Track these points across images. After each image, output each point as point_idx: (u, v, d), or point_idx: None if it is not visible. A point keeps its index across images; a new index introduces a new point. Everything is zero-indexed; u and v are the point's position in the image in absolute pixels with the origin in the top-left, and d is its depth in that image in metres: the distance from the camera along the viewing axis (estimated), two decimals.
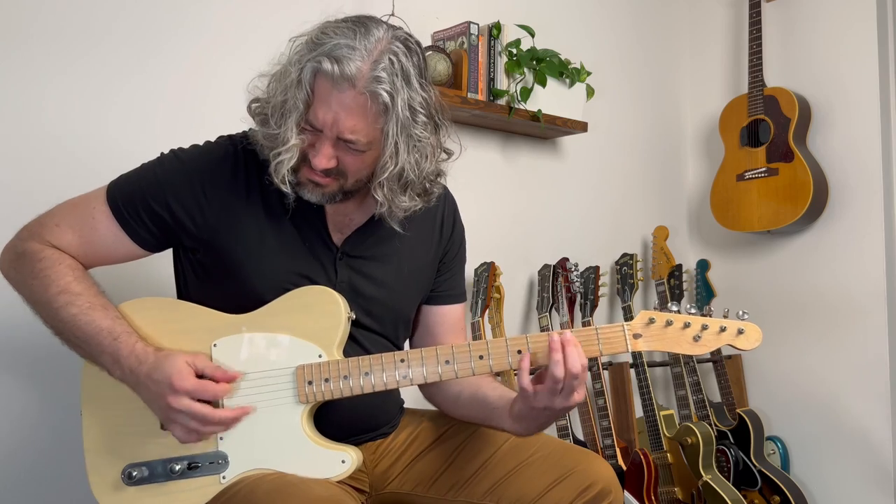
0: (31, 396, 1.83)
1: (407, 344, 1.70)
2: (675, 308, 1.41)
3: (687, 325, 1.37)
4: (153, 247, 1.51)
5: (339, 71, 1.32)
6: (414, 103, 1.38)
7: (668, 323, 1.37)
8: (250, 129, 1.50)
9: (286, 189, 1.41)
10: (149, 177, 1.48)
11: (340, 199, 1.46)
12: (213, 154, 1.50)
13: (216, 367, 1.39)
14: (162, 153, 1.52)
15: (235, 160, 1.50)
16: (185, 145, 1.53)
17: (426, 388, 1.65)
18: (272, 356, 1.42)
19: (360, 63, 1.33)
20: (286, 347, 1.42)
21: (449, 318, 1.70)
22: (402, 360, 1.41)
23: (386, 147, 1.39)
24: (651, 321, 1.38)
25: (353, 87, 1.33)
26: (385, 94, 1.34)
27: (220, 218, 1.47)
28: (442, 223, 1.67)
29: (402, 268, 1.59)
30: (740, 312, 1.39)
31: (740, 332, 1.38)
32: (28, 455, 1.82)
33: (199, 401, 1.35)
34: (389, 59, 1.35)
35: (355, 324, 1.51)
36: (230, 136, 1.55)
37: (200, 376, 1.37)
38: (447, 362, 1.39)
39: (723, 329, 1.38)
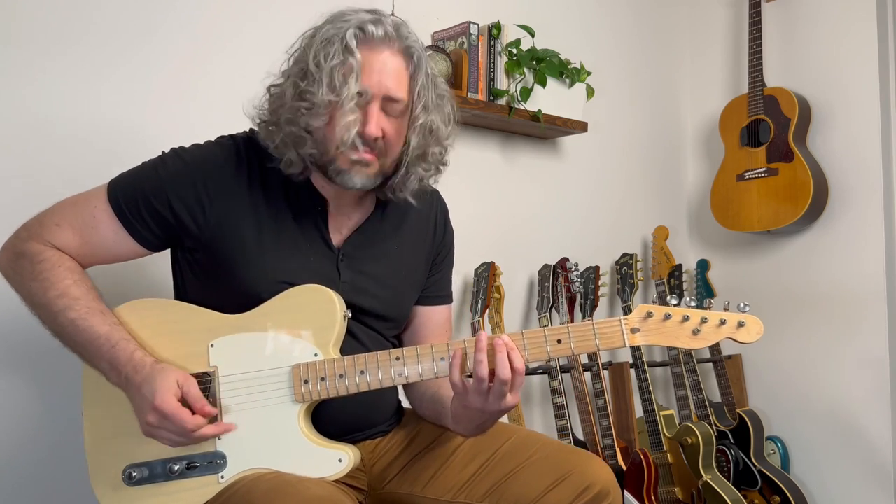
0: (31, 397, 1.83)
1: None
2: (674, 302, 1.39)
3: (686, 319, 1.35)
4: (154, 246, 1.51)
5: (382, 32, 1.42)
6: (430, 66, 1.49)
7: (667, 316, 1.35)
8: (259, 125, 1.51)
9: (342, 163, 1.42)
10: (151, 175, 1.48)
11: (374, 185, 1.48)
12: (216, 153, 1.50)
13: (199, 397, 1.38)
14: (163, 152, 1.52)
15: (238, 160, 1.50)
16: (185, 144, 1.53)
17: (406, 386, 1.65)
18: (268, 356, 1.42)
19: (390, 28, 1.44)
20: (282, 347, 1.42)
21: (435, 319, 1.71)
22: (398, 359, 1.40)
23: (417, 103, 1.46)
24: (649, 315, 1.36)
25: (390, 46, 1.43)
26: (416, 50, 1.46)
27: (221, 217, 1.47)
28: (435, 224, 1.70)
29: (400, 267, 1.61)
30: (741, 305, 1.37)
31: (741, 324, 1.36)
32: (29, 455, 1.81)
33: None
34: (407, 27, 1.48)
35: (357, 321, 1.52)
36: (232, 136, 1.55)
37: (185, 400, 1.37)
38: (442, 359, 1.39)
39: (722, 322, 1.36)
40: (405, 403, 1.72)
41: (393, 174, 1.51)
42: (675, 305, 1.38)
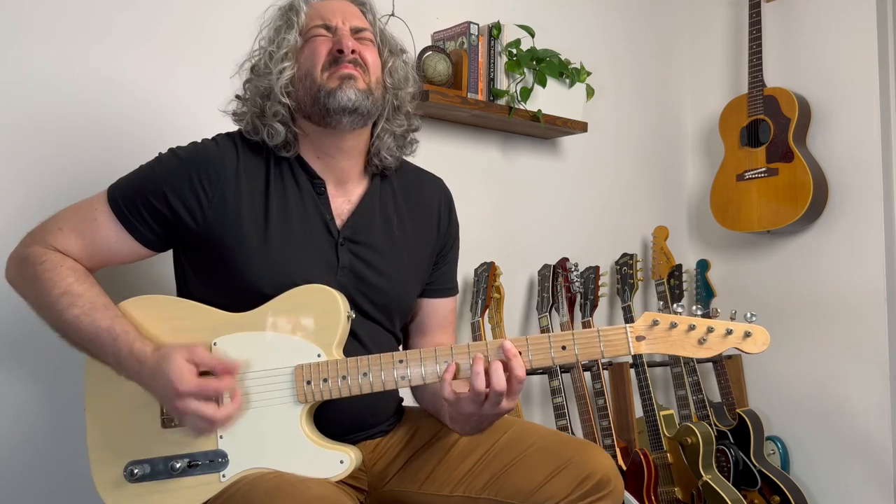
0: (34, 394, 1.83)
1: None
2: (679, 309, 1.37)
3: (692, 328, 1.34)
4: (156, 245, 1.52)
5: None
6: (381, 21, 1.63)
7: (673, 325, 1.34)
8: (237, 111, 1.58)
9: (331, 83, 1.48)
10: (148, 175, 1.50)
11: (367, 110, 1.51)
12: (212, 150, 1.52)
13: (215, 359, 1.38)
14: (160, 153, 1.53)
15: (235, 155, 1.52)
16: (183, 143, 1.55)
17: None
18: (271, 356, 1.42)
19: None
20: (285, 347, 1.42)
21: (440, 311, 1.72)
22: (401, 361, 1.40)
23: (384, 47, 1.58)
24: (655, 323, 1.35)
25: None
26: (367, 1, 1.61)
27: (219, 212, 1.48)
28: (439, 215, 1.71)
29: (401, 257, 1.61)
30: (748, 314, 1.35)
31: (747, 335, 1.34)
32: (31, 452, 1.82)
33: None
34: None
35: (359, 312, 1.52)
36: (227, 133, 1.57)
37: (202, 370, 1.37)
38: (446, 362, 1.39)
39: (729, 332, 1.34)
40: (406, 402, 1.72)
41: (374, 125, 1.59)
42: (680, 313, 1.37)
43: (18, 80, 1.83)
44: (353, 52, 1.50)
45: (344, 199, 1.58)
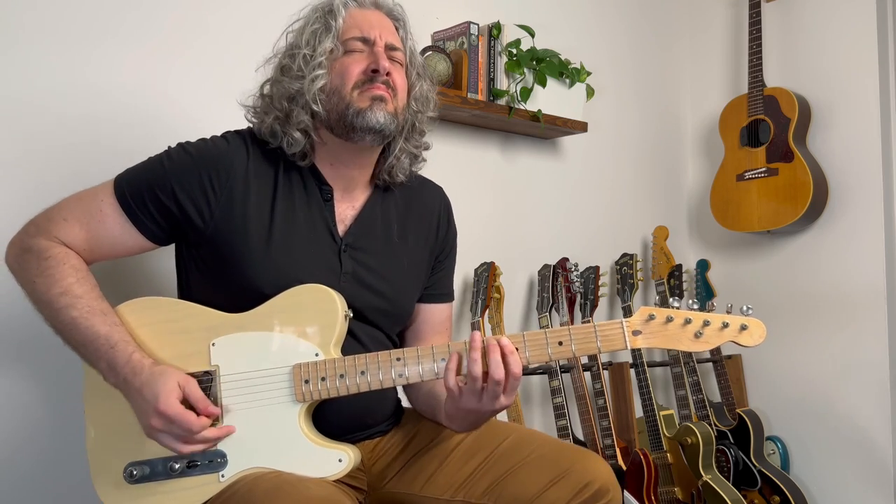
0: (33, 395, 1.83)
1: None
2: (676, 304, 1.38)
3: (688, 322, 1.35)
4: (160, 239, 1.52)
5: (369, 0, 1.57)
6: (411, 38, 1.63)
7: (669, 319, 1.35)
8: (256, 112, 1.57)
9: (360, 102, 1.49)
10: (156, 169, 1.49)
11: (391, 132, 1.53)
12: (221, 147, 1.52)
13: (202, 398, 1.38)
14: (169, 146, 1.53)
15: (246, 155, 1.52)
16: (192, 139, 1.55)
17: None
18: (269, 355, 1.42)
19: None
20: (283, 346, 1.42)
21: (436, 317, 1.72)
22: (399, 359, 1.40)
23: (412, 69, 1.59)
24: (651, 317, 1.36)
25: (379, 9, 1.57)
26: (402, 18, 1.60)
27: (226, 211, 1.48)
28: (438, 221, 1.72)
29: (402, 262, 1.62)
30: (744, 308, 1.36)
31: (743, 328, 1.35)
32: (31, 453, 1.82)
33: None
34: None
35: (359, 316, 1.52)
36: (237, 131, 1.57)
37: (187, 402, 1.38)
38: (443, 360, 1.39)
39: (725, 325, 1.35)
40: (405, 402, 1.72)
41: (389, 145, 1.59)
42: (676, 308, 1.38)
43: (19, 77, 1.83)
44: (387, 73, 1.50)
45: (348, 205, 1.59)
